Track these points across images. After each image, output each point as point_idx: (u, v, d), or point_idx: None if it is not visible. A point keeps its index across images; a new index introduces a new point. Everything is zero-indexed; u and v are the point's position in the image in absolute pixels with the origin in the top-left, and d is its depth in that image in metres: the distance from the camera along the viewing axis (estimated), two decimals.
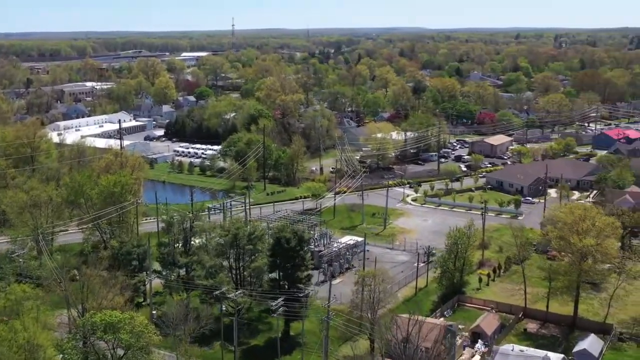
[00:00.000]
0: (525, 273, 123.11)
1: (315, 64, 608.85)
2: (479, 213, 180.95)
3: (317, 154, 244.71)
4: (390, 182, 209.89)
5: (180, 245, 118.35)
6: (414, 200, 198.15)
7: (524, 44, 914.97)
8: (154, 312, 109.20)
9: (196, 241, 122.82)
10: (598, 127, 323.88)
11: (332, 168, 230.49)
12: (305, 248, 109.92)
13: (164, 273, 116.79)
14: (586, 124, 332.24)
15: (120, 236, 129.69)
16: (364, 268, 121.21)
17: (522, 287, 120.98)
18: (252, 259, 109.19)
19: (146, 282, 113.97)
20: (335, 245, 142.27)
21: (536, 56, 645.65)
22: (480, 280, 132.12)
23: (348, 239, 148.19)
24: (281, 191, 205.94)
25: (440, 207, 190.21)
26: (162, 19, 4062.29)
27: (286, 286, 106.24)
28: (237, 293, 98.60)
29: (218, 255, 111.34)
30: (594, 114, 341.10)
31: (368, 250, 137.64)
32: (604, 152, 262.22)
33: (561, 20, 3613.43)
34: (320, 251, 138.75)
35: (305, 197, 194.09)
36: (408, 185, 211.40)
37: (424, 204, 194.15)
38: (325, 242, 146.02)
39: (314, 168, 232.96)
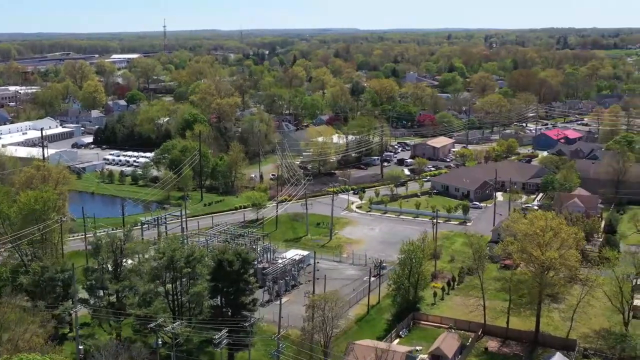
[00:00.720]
0: (478, 282, 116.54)
1: (250, 65, 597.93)
2: (428, 219, 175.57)
3: (256, 160, 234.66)
4: (334, 189, 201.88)
5: (110, 268, 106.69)
6: (359, 207, 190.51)
7: (456, 44, 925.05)
8: (80, 346, 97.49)
9: (128, 262, 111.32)
10: (536, 127, 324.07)
11: (273, 175, 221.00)
12: (251, 271, 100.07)
13: (91, 301, 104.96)
14: (524, 124, 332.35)
15: (42, 258, 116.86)
16: (313, 290, 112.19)
17: (479, 301, 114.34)
18: (191, 284, 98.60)
19: (72, 312, 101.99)
20: (280, 261, 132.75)
21: (470, 56, 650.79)
22: (435, 294, 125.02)
23: (293, 254, 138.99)
24: (219, 201, 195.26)
25: (386, 215, 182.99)
26: (91, 20, 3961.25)
27: (229, 313, 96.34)
28: (174, 325, 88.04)
29: (153, 280, 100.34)
30: (532, 114, 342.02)
31: (318, 268, 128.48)
32: (545, 153, 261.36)
33: (490, 21, 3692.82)
34: (265, 268, 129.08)
35: (245, 207, 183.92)
36: (352, 192, 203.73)
37: (370, 211, 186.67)
38: (269, 257, 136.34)
39: (253, 175, 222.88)
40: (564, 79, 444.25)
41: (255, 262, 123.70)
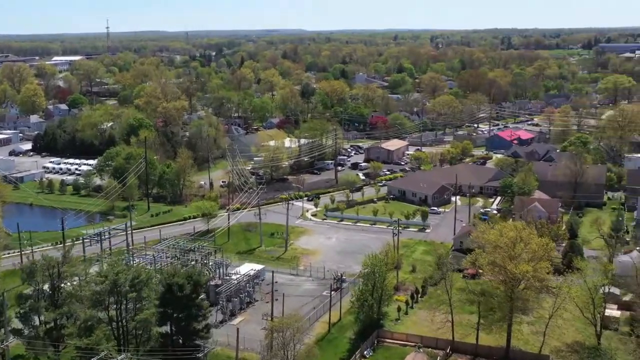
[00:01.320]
0: (444, 296, 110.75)
1: (197, 67, 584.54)
2: (386, 227, 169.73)
3: (205, 167, 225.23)
4: (287, 196, 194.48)
5: (46, 293, 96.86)
6: (315, 215, 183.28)
7: (403, 45, 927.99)
8: None
9: (67, 284, 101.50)
10: (488, 128, 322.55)
11: (223, 182, 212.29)
12: (203, 295, 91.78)
13: (25, 331, 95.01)
14: (475, 125, 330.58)
15: None
16: (272, 312, 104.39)
17: (447, 316, 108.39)
18: (138, 309, 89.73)
19: (2, 345, 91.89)
20: (234, 277, 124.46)
21: (418, 57, 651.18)
22: (399, 309, 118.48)
23: (248, 268, 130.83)
24: (167, 211, 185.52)
25: (343, 222, 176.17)
26: (31, 21, 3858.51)
27: (180, 341, 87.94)
28: (120, 358, 79.19)
29: (94, 306, 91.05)
30: (483, 115, 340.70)
31: (275, 281, 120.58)
32: (499, 155, 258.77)
33: (435, 22, 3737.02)
34: (217, 285, 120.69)
35: (195, 218, 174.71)
36: (307, 199, 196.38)
37: (326, 219, 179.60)
38: (222, 273, 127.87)
39: (202, 183, 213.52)
40: (513, 79, 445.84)
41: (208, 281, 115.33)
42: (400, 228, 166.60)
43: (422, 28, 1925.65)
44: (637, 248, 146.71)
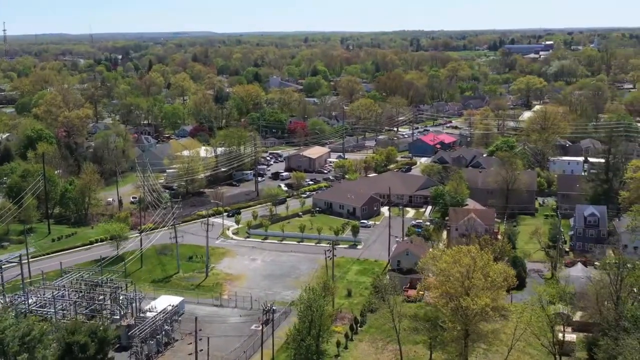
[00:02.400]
0: (386, 326, 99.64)
1: (102, 71, 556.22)
2: (314, 244, 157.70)
3: (113, 181, 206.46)
4: (205, 212, 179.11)
5: None
6: (236, 233, 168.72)
7: (314, 47, 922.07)
8: None
9: None
10: (408, 131, 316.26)
11: (134, 197, 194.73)
12: (110, 354, 76.44)
13: None
14: (395, 129, 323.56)
15: None
16: (196, 356, 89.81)
17: (390, 346, 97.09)
18: None
19: None
20: (149, 314, 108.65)
21: (331, 59, 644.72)
22: (338, 344, 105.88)
23: (165, 302, 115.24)
24: (71, 235, 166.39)
25: (268, 241, 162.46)
26: None
27: None
28: None
29: None
30: (402, 118, 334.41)
31: (198, 320, 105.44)
32: (423, 160, 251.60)
33: (344, 24, 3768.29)
34: (130, 326, 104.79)
35: (102, 241, 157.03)
36: (227, 215, 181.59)
37: (249, 237, 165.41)
38: (135, 309, 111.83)
39: (111, 200, 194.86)
40: (429, 81, 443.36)
41: (117, 313, 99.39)
42: (328, 244, 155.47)
43: (331, 30, 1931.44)
44: (579, 260, 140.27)
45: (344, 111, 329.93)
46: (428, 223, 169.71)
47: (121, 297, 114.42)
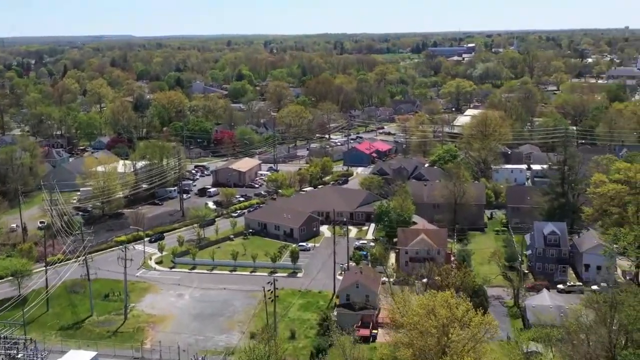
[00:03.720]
0: None
1: (13, 78, 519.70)
2: (249, 273, 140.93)
3: (17, 204, 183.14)
4: (124, 237, 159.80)
5: None
6: (160, 262, 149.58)
7: (238, 50, 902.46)
8: None
9: None
10: (341, 138, 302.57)
11: (41, 222, 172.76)
12: None
13: None
14: (327, 136, 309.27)
15: None
16: None
17: None
18: None
19: None
20: None
21: (255, 63, 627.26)
22: None
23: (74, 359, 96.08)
24: None
25: (196, 271, 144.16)
26: None
27: None
28: None
29: None
30: (335, 124, 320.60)
31: None
32: (359, 170, 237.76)
33: (267, 27, 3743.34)
34: None
35: (2, 278, 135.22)
36: (149, 240, 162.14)
37: (174, 267, 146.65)
38: None
39: (14, 226, 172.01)
40: (358, 86, 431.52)
41: None
42: (265, 272, 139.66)
43: (254, 33, 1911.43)
44: (542, 284, 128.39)
45: (274, 118, 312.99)
46: (373, 244, 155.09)
47: (20, 355, 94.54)
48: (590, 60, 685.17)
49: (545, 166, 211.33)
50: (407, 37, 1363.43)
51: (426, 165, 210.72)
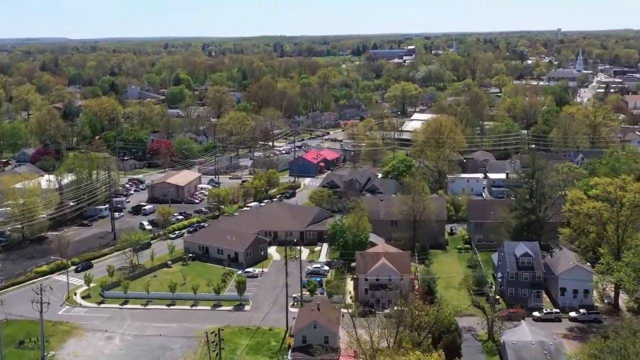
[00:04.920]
0: None
1: None
2: (189, 307, 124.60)
3: None
4: (45, 267, 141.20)
5: None
6: (87, 297, 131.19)
7: (175, 53, 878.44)
8: None
9: None
10: (285, 146, 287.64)
11: None
12: None
13: None
14: (270, 144, 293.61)
15: None
16: None
17: None
18: None
19: None
20: None
21: (194, 67, 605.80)
22: None
23: None
24: None
25: (128, 306, 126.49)
26: None
27: None
28: None
29: None
30: (279, 131, 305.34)
31: None
32: (307, 181, 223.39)
33: (206, 29, 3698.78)
34: None
35: None
36: (75, 269, 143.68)
37: (103, 302, 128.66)
38: None
39: None
40: (301, 90, 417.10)
41: None
42: (207, 306, 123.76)
43: (192, 35, 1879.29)
44: (518, 312, 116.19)
45: (214, 125, 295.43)
46: (327, 268, 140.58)
47: None
48: (529, 62, 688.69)
49: (503, 175, 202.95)
50: (347, 39, 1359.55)
51: (380, 176, 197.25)
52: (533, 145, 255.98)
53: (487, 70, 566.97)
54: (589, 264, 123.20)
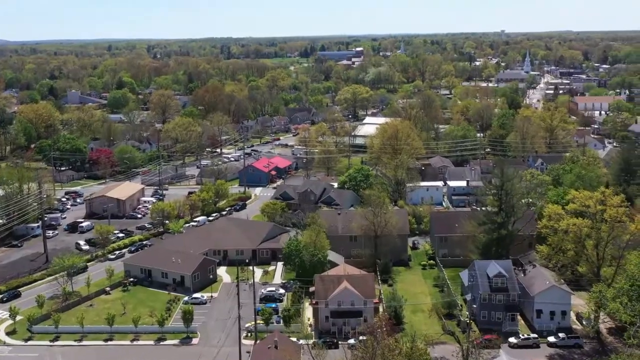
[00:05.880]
0: None
1: None
2: (130, 342, 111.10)
3: None
4: None
5: None
6: (12, 332, 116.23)
7: (119, 55, 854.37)
8: None
9: None
10: (234, 153, 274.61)
11: None
12: None
13: None
14: (218, 151, 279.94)
15: None
16: None
17: None
18: None
19: None
20: None
21: (138, 69, 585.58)
22: None
23: None
24: None
25: (60, 343, 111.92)
26: None
27: None
28: None
29: None
30: (227, 137, 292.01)
31: None
32: (258, 191, 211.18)
33: (150, 31, 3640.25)
34: None
35: None
36: (0, 299, 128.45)
37: (31, 338, 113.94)
38: None
39: None
40: (249, 93, 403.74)
41: None
42: (151, 340, 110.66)
43: (136, 37, 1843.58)
44: (493, 338, 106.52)
45: (158, 132, 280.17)
46: (283, 291, 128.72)
47: None
48: (477, 63, 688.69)
49: (463, 183, 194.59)
50: (294, 40, 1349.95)
51: (335, 186, 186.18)
52: (489, 150, 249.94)
53: (436, 72, 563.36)
54: (566, 284, 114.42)
